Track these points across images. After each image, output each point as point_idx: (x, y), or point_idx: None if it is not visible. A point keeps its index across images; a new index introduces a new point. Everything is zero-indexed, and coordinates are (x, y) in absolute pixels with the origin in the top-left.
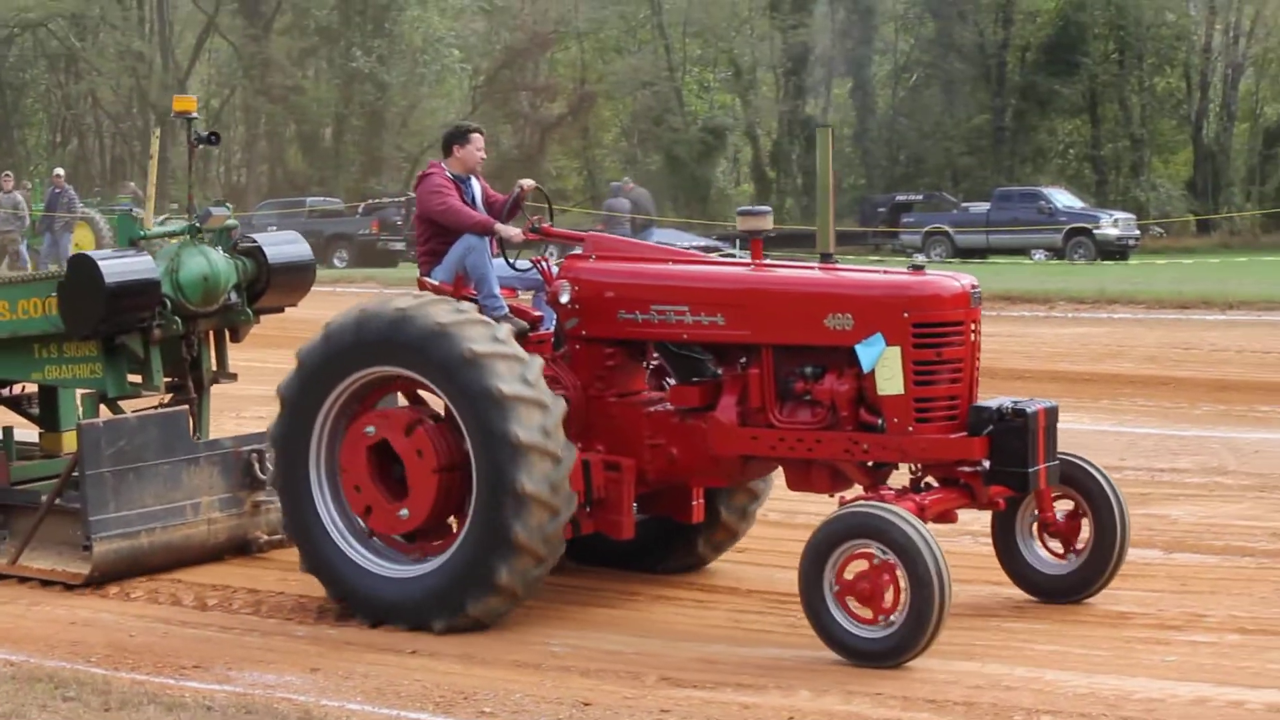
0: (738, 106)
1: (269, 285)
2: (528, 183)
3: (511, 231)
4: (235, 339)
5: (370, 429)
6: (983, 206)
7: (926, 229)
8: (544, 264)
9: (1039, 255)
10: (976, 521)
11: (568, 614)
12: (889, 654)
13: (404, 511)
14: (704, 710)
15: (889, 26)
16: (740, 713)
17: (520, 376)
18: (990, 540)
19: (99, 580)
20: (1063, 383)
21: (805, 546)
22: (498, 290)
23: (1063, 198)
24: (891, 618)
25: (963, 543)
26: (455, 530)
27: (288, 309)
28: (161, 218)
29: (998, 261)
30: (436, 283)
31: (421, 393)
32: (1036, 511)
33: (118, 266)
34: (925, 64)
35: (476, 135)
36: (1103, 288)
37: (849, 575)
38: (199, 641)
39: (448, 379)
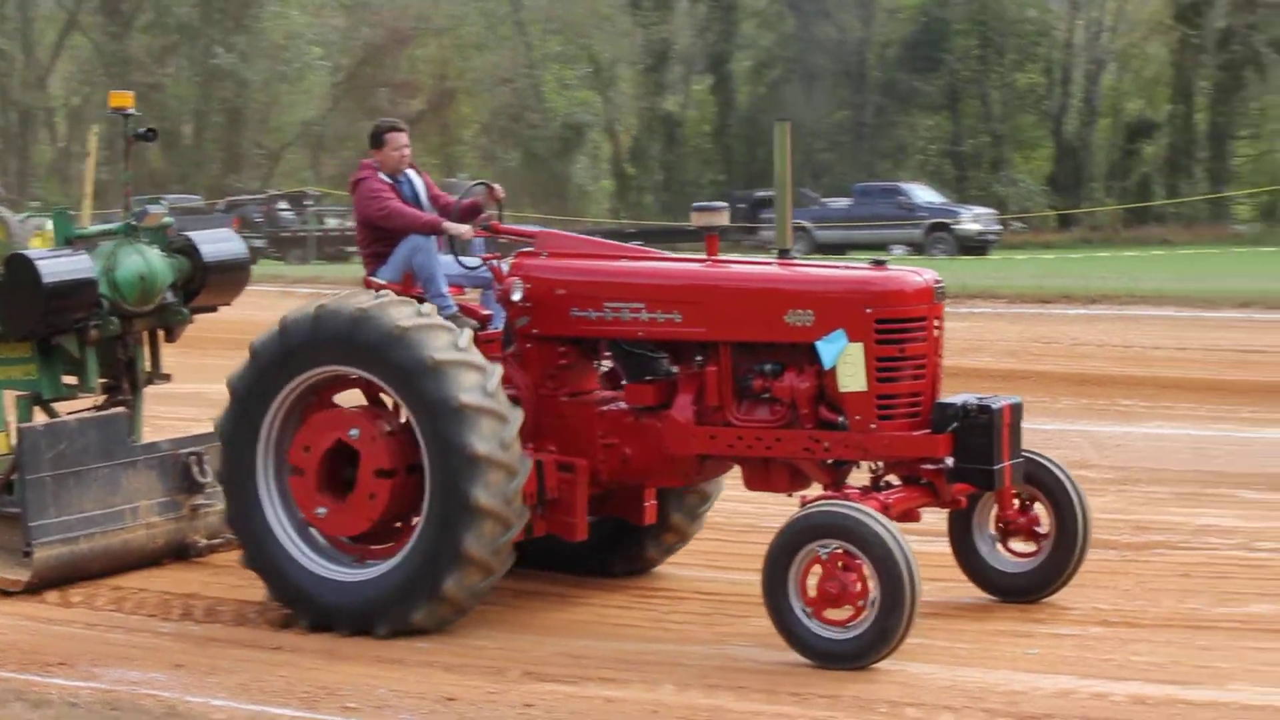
0: (597, 103)
1: (204, 284)
2: (498, 189)
3: (461, 228)
4: (170, 339)
5: (355, 432)
6: (843, 202)
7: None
8: (495, 261)
9: (899, 250)
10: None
11: None
12: (857, 655)
13: (321, 510)
14: (567, 704)
15: (750, 22)
16: (604, 706)
17: (480, 386)
18: (947, 540)
19: (38, 587)
20: None
21: (769, 548)
22: (445, 289)
23: (923, 193)
24: (860, 619)
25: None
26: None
27: (220, 308)
28: (21, 216)
29: (858, 257)
30: (384, 283)
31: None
32: (995, 510)
33: (55, 266)
34: (786, 60)
35: (393, 135)
36: (963, 283)
37: (814, 577)
38: (64, 639)
39: (406, 385)
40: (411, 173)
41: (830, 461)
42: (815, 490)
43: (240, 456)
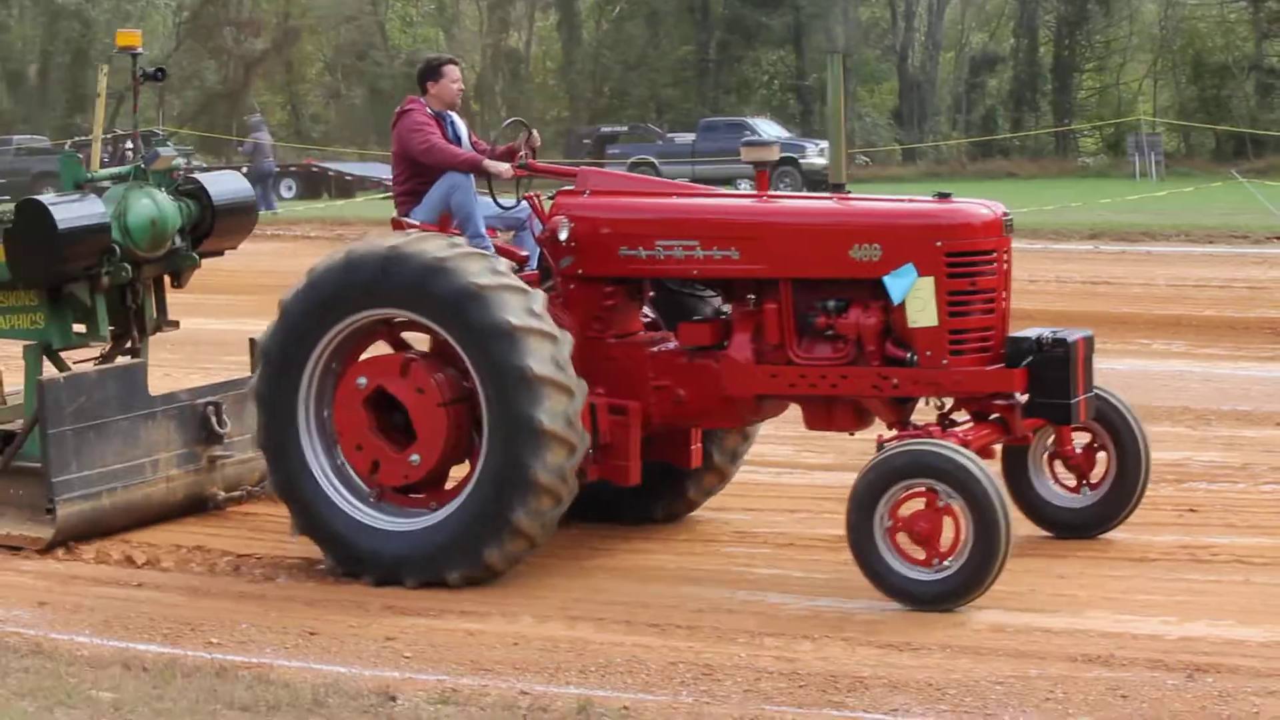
0: (441, 40)
1: (213, 227)
2: (535, 136)
3: (500, 167)
4: (178, 284)
5: (362, 380)
6: (688, 137)
7: (632, 160)
8: (536, 200)
9: (745, 185)
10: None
11: (290, 549)
12: (948, 597)
13: (415, 457)
14: (429, 637)
15: None
16: (465, 639)
17: (526, 308)
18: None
19: (61, 543)
20: None
21: (854, 488)
22: (484, 230)
23: (768, 128)
24: (949, 559)
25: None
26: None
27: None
28: None
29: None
30: (417, 223)
31: (406, 336)
32: (1053, 444)
33: (69, 211)
34: None
35: (450, 67)
36: None
37: (904, 516)
38: None
39: (451, 315)
40: (454, 115)
41: (897, 400)
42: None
43: (280, 419)
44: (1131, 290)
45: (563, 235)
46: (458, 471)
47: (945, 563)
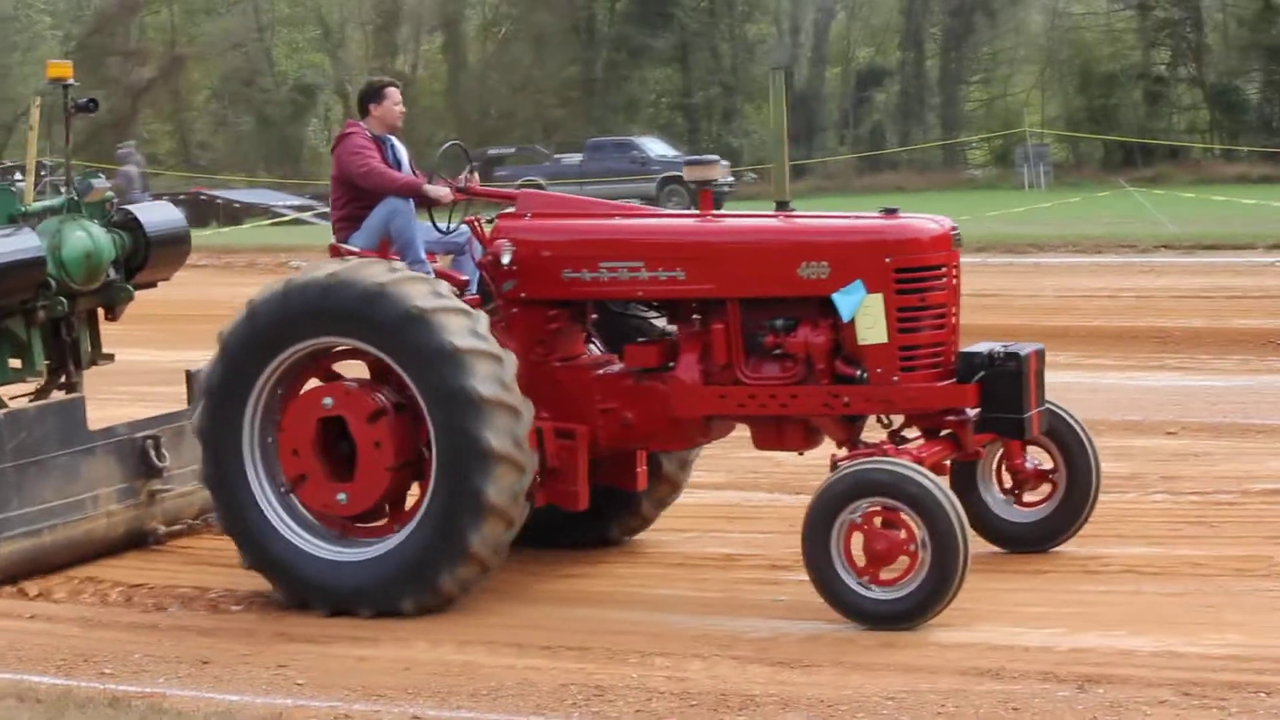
0: (328, 65)
1: (148, 259)
2: (449, 146)
3: (440, 192)
4: (111, 317)
5: (328, 401)
6: (576, 157)
7: (519, 182)
8: (477, 224)
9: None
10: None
11: (183, 578)
12: (908, 615)
13: (342, 496)
14: (321, 663)
15: None
16: (356, 665)
17: (470, 329)
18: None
19: (3, 582)
20: None
21: (810, 509)
22: (424, 255)
23: (656, 146)
24: (909, 578)
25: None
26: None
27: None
28: None
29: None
30: (356, 249)
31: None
32: (1001, 459)
33: (4, 246)
34: (514, 18)
35: (392, 90)
36: None
37: (859, 536)
38: None
39: (393, 340)
40: (395, 140)
41: (847, 418)
42: (830, 449)
43: (225, 455)
44: (1018, 302)
45: (505, 259)
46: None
47: (902, 582)
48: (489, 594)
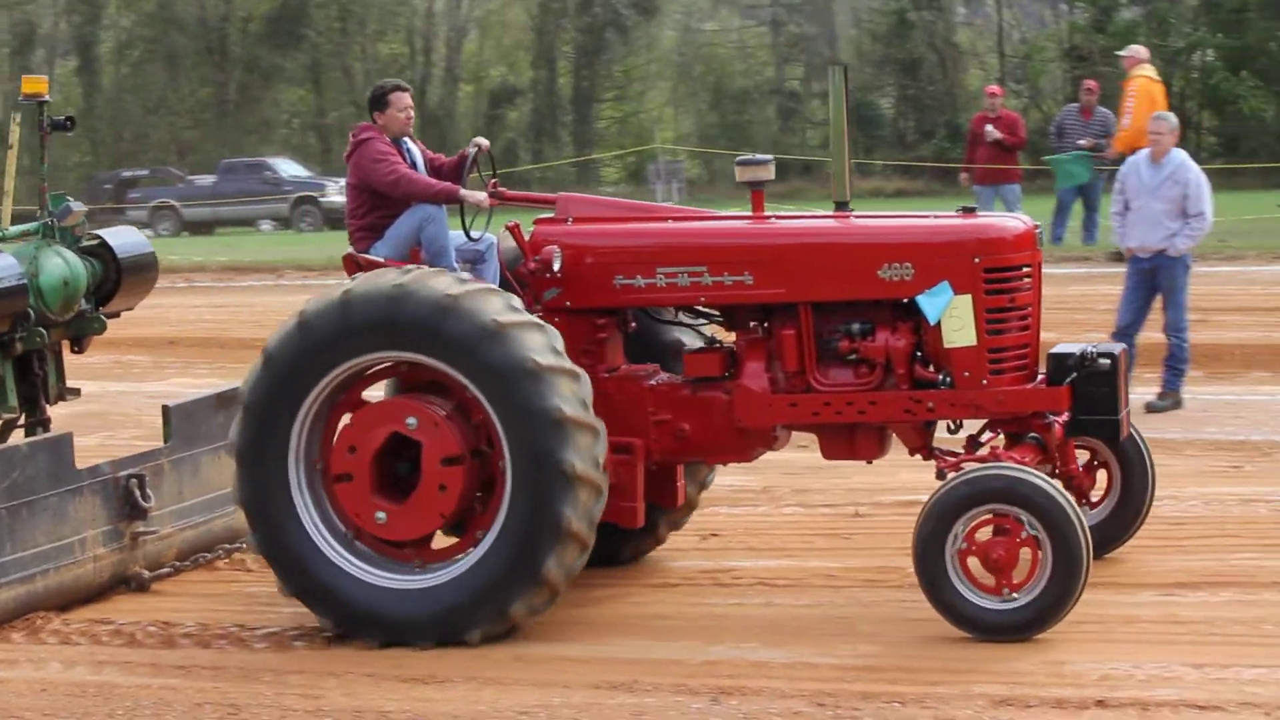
0: None
1: (119, 286)
2: (483, 141)
3: (479, 197)
4: (77, 350)
5: (412, 421)
6: (210, 179)
7: (154, 203)
8: (517, 230)
9: (267, 225)
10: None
11: None
12: (1023, 627)
13: (382, 515)
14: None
15: (113, 3)
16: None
17: (549, 346)
18: None
19: None
20: None
21: (923, 515)
22: (456, 264)
23: (288, 167)
24: (1026, 588)
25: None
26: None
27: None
28: None
29: (225, 234)
30: (380, 259)
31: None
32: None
33: None
34: (148, 40)
35: (398, 95)
36: (330, 255)
37: (978, 543)
38: None
39: (466, 356)
40: (409, 142)
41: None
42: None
43: (266, 475)
44: None
45: (556, 265)
46: None
47: (1021, 591)
48: (122, 612)
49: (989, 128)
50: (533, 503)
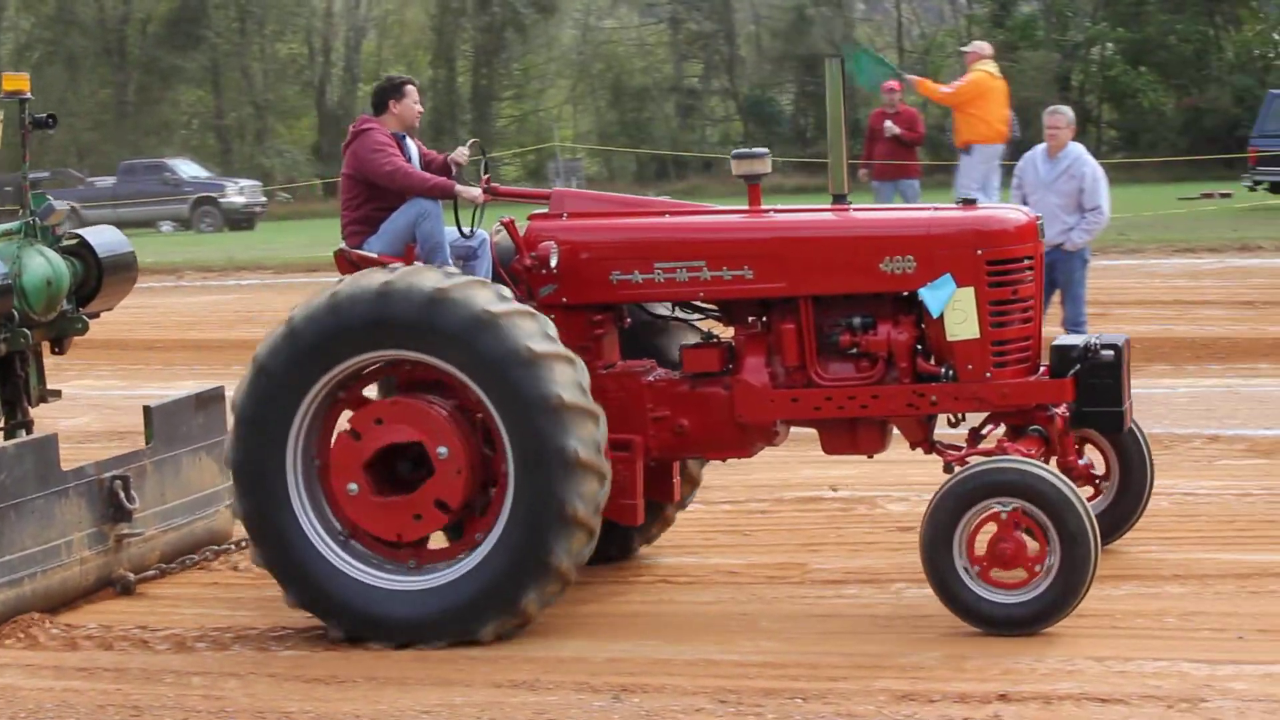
0: None
1: (100, 286)
2: (472, 145)
3: (474, 193)
4: (58, 351)
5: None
6: (109, 181)
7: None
8: (512, 226)
9: (167, 227)
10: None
11: None
12: (1034, 620)
13: (353, 486)
14: None
15: (12, 5)
16: None
17: (542, 333)
18: None
19: None
20: (194, 350)
21: (930, 511)
22: (451, 260)
23: (188, 168)
24: (1035, 581)
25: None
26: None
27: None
28: None
29: (126, 235)
30: (374, 255)
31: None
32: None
33: None
34: (47, 41)
35: (411, 88)
36: (231, 256)
37: (984, 539)
38: None
39: (460, 348)
40: (410, 138)
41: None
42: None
43: (264, 487)
44: None
45: (554, 261)
46: None
47: (1028, 585)
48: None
49: (888, 123)
50: (537, 493)
